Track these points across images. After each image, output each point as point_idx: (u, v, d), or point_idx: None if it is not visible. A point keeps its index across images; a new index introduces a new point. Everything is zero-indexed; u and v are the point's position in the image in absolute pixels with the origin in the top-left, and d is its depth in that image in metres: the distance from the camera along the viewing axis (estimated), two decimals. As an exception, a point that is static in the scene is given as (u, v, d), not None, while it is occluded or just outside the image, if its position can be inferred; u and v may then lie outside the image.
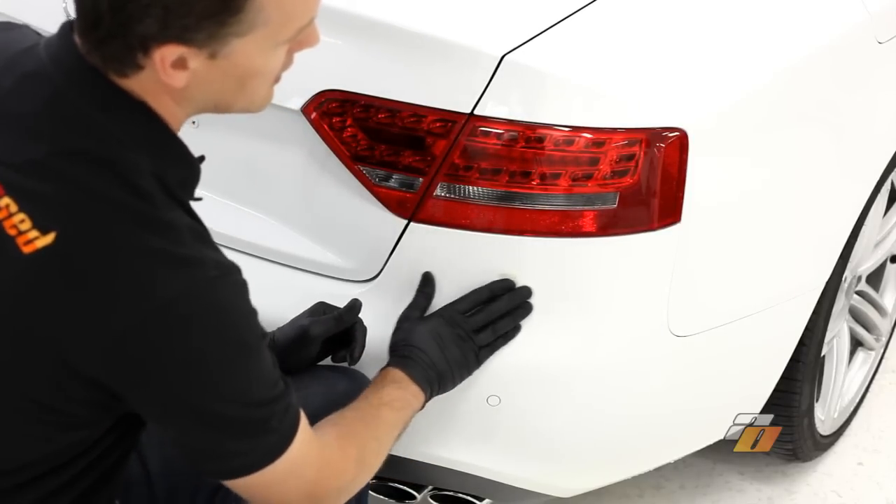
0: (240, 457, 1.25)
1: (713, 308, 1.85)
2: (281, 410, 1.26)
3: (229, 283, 1.20)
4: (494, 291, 1.65)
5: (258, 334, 1.25)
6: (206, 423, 1.22)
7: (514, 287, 1.65)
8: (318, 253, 1.74)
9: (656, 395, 1.85)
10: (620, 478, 2.03)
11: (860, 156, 2.13)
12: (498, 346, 1.66)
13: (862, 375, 2.68)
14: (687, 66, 1.72)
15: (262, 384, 1.24)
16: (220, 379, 1.20)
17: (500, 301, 1.64)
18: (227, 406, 1.21)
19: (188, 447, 1.27)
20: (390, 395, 1.52)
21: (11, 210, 1.15)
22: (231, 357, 1.20)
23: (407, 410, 1.54)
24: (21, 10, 1.81)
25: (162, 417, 1.24)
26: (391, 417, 1.50)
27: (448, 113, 1.59)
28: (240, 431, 1.24)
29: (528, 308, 1.66)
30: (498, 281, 1.65)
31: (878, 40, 2.09)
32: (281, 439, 1.27)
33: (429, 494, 1.89)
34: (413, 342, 1.60)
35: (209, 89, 1.20)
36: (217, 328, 1.18)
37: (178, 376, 1.17)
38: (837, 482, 2.53)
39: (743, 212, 1.82)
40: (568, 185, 1.60)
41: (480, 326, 1.63)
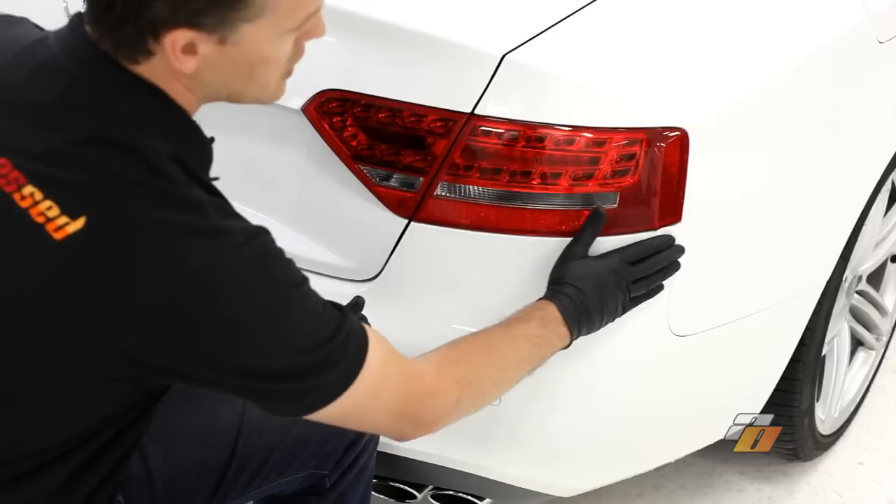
0: (310, 394, 1.26)
1: (714, 308, 1.85)
2: (341, 341, 1.26)
3: (258, 245, 1.22)
4: (660, 247, 1.65)
5: (296, 282, 1.25)
6: (264, 378, 1.23)
7: (673, 243, 1.66)
8: (319, 252, 1.74)
9: (657, 395, 1.85)
10: (621, 477, 2.03)
11: (861, 155, 2.13)
12: (641, 301, 1.65)
13: (862, 375, 2.68)
14: (687, 66, 1.72)
15: (312, 328, 1.24)
16: (266, 338, 1.20)
17: (661, 255, 1.64)
18: (280, 360, 1.22)
19: (254, 399, 1.28)
20: (533, 330, 1.51)
21: (37, 198, 1.17)
22: (272, 316, 1.20)
23: (546, 349, 1.53)
24: (21, 9, 1.81)
25: (218, 382, 1.25)
26: (526, 352, 1.50)
27: (449, 112, 1.59)
28: (302, 374, 1.24)
29: (677, 266, 1.67)
30: (661, 237, 1.65)
31: (878, 40, 2.09)
32: (348, 368, 1.27)
33: (429, 494, 1.89)
34: (573, 280, 1.58)
35: (219, 76, 1.22)
36: (251, 292, 1.19)
37: (223, 343, 1.18)
38: (838, 482, 2.53)
39: (743, 211, 1.82)
40: (568, 185, 1.60)
41: (640, 278, 1.63)
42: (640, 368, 1.78)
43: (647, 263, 1.63)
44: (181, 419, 1.57)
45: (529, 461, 1.81)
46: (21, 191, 1.17)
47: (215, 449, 1.58)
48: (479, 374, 1.44)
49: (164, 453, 1.56)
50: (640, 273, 1.63)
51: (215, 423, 1.59)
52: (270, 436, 1.60)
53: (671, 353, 1.80)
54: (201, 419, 1.59)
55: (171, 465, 1.56)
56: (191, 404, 1.58)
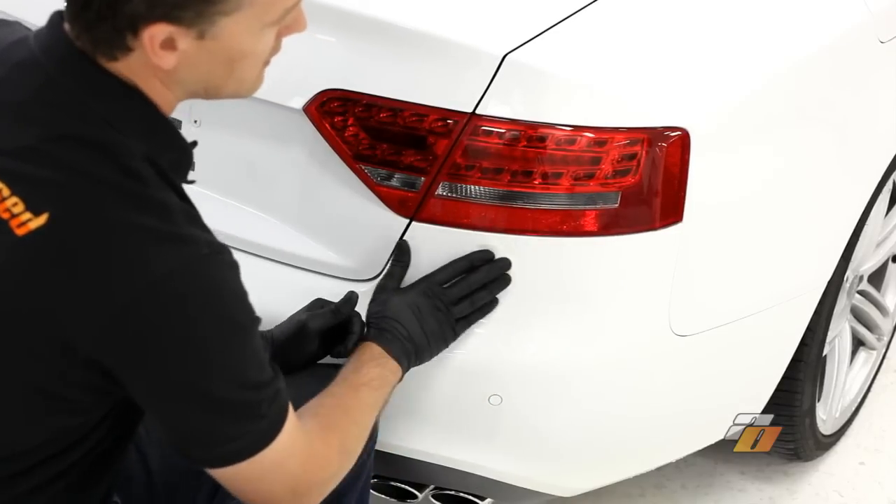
0: (229, 443, 1.25)
1: (715, 307, 1.85)
2: (271, 396, 1.26)
3: (221, 261, 1.21)
4: (473, 262, 1.63)
5: (251, 315, 1.25)
6: (199, 403, 1.22)
7: (492, 258, 1.63)
8: (320, 252, 1.74)
9: (658, 395, 1.85)
10: (622, 477, 2.03)
11: (862, 155, 2.13)
12: (474, 320, 1.64)
13: (864, 375, 2.68)
14: (689, 66, 1.72)
15: (255, 366, 1.24)
16: (215, 357, 1.20)
17: (479, 272, 1.63)
18: (221, 386, 1.21)
19: (178, 432, 1.26)
20: (369, 375, 1.51)
21: (4, 194, 1.17)
22: (226, 335, 1.20)
23: (385, 388, 1.53)
24: (19, 8, 1.81)
25: (156, 399, 1.23)
26: (370, 398, 1.49)
27: (450, 112, 1.59)
28: (231, 414, 1.23)
29: (506, 280, 1.64)
30: (477, 252, 1.63)
31: (879, 40, 2.09)
32: (270, 426, 1.27)
33: (430, 494, 1.89)
34: (390, 314, 1.59)
35: (198, 71, 1.22)
36: (211, 305, 1.18)
37: (174, 354, 1.18)
38: (839, 482, 2.53)
39: (745, 211, 1.82)
40: (569, 185, 1.60)
41: (458, 298, 1.62)
42: (641, 368, 1.78)
43: (464, 283, 1.62)
44: None
45: (530, 461, 1.81)
46: None
47: None
48: (347, 437, 1.44)
49: (163, 453, 1.55)
50: (458, 293, 1.62)
51: None
52: None
53: (672, 352, 1.80)
54: None
55: (170, 466, 1.56)
56: None
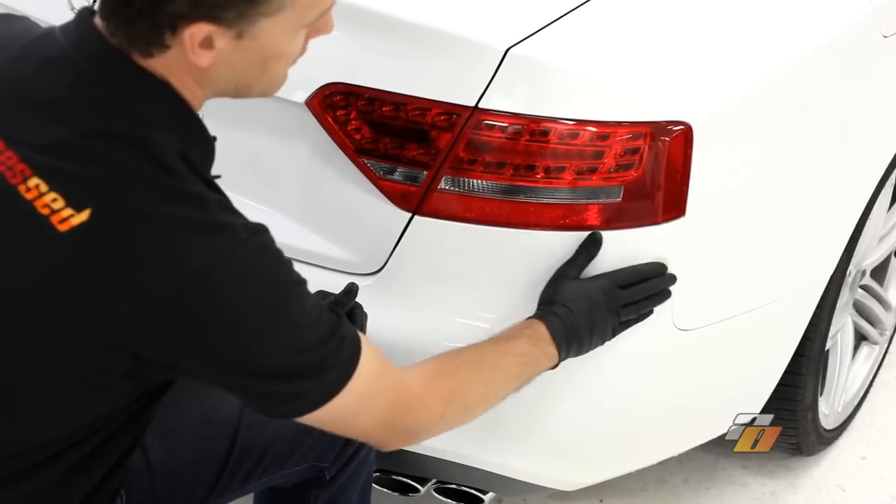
0: (301, 397, 1.27)
1: (717, 302, 1.85)
2: (335, 346, 1.27)
3: (260, 242, 1.22)
4: (651, 273, 1.65)
5: (295, 281, 1.26)
6: (260, 376, 1.23)
7: (664, 272, 1.67)
8: (323, 246, 1.74)
9: (660, 389, 1.85)
10: (624, 471, 2.03)
11: (865, 150, 2.13)
12: (631, 325, 1.65)
13: (866, 370, 2.68)
14: (692, 60, 1.72)
15: (309, 329, 1.25)
16: (267, 334, 1.21)
17: (652, 282, 1.65)
18: (278, 358, 1.23)
19: (249, 399, 1.29)
20: (521, 348, 1.52)
21: (42, 190, 1.17)
22: (273, 312, 1.21)
23: (534, 368, 1.53)
24: (24, 3, 1.81)
25: (216, 378, 1.26)
26: (514, 369, 1.50)
27: (452, 106, 1.59)
28: (296, 376, 1.25)
29: (667, 294, 1.67)
30: (651, 263, 1.66)
31: (883, 34, 2.09)
32: (340, 373, 1.28)
33: (432, 487, 1.89)
34: (564, 300, 1.59)
35: (232, 70, 1.23)
36: (254, 287, 1.20)
37: (224, 338, 1.19)
38: (841, 476, 2.53)
39: (747, 206, 1.82)
40: (572, 179, 1.60)
41: (630, 302, 1.63)
42: (644, 363, 1.78)
43: (637, 289, 1.64)
44: (181, 411, 1.58)
45: (533, 455, 1.81)
46: (26, 183, 1.17)
47: (215, 441, 1.59)
48: (465, 390, 1.45)
49: (164, 445, 1.56)
50: (630, 297, 1.63)
51: (215, 415, 1.60)
52: (270, 428, 1.61)
53: (675, 347, 1.80)
54: (201, 411, 1.59)
55: (171, 457, 1.56)
56: (191, 396, 1.58)
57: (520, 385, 1.52)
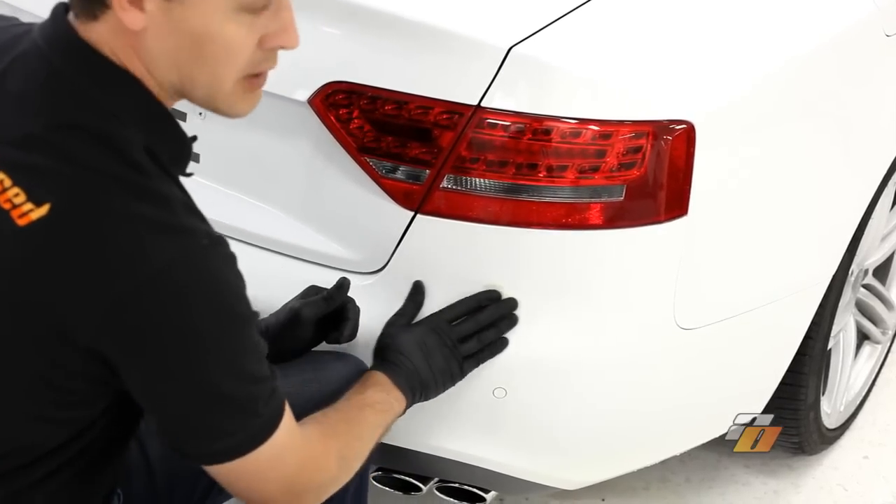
0: (224, 438, 1.25)
1: (720, 301, 1.85)
2: (267, 393, 1.27)
3: (220, 253, 1.22)
4: (481, 302, 1.65)
5: (249, 308, 1.25)
6: (195, 394, 1.22)
7: (500, 298, 1.66)
8: (325, 244, 1.74)
9: (663, 388, 1.85)
10: (626, 470, 2.03)
11: (867, 149, 2.13)
12: (483, 359, 1.66)
13: (868, 369, 2.68)
14: (694, 59, 1.72)
15: (253, 358, 1.25)
16: (213, 347, 1.20)
17: (487, 311, 1.65)
18: (218, 376, 1.22)
19: (174, 425, 1.27)
20: (373, 398, 1.52)
21: (6, 185, 1.17)
22: (224, 326, 1.20)
23: (389, 414, 1.53)
24: (27, 3, 1.82)
25: (152, 391, 1.23)
26: (374, 419, 1.50)
27: (455, 105, 1.59)
28: (228, 407, 1.24)
29: (513, 320, 1.67)
30: (485, 291, 1.65)
31: (885, 33, 2.09)
32: (266, 424, 1.27)
33: (434, 486, 1.89)
34: (398, 348, 1.60)
35: (166, 45, 1.19)
36: (211, 296, 1.19)
37: (172, 343, 1.18)
38: (843, 476, 2.53)
39: (750, 204, 1.82)
40: (575, 178, 1.60)
41: (466, 336, 1.64)
42: (646, 362, 1.78)
43: (470, 322, 1.64)
44: None
45: (534, 454, 1.81)
46: None
47: None
48: (348, 447, 1.44)
49: (163, 442, 1.55)
50: (466, 331, 1.63)
51: None
52: None
53: (677, 346, 1.80)
54: None
55: (170, 456, 1.56)
56: None
57: (383, 433, 1.52)
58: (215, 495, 1.61)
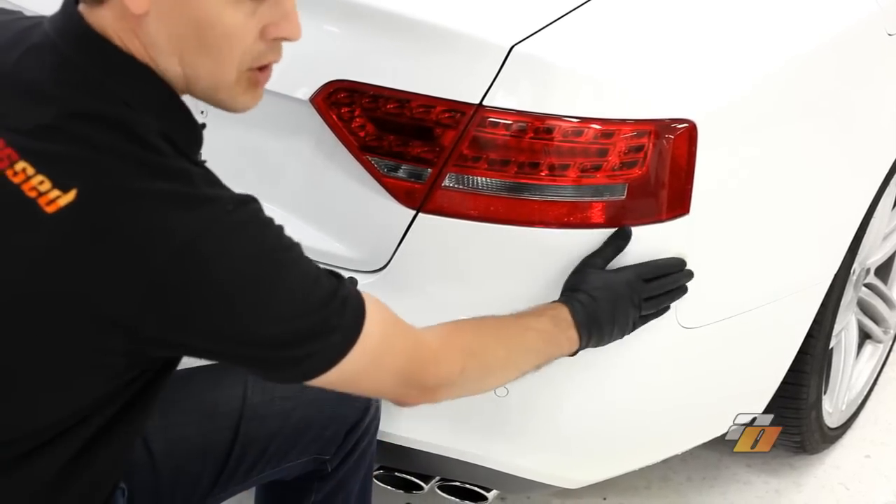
0: (307, 360, 1.26)
1: (722, 300, 1.85)
2: (337, 307, 1.27)
3: (247, 212, 1.22)
4: (673, 268, 1.67)
5: (287, 245, 1.26)
6: (261, 345, 1.23)
7: (683, 267, 1.68)
8: (326, 243, 1.74)
9: (664, 387, 1.85)
10: (627, 469, 2.03)
11: (869, 148, 2.12)
12: (650, 320, 1.67)
13: (870, 368, 2.68)
14: (696, 58, 1.72)
15: (306, 292, 1.24)
16: (261, 303, 1.20)
17: (673, 277, 1.67)
18: (277, 325, 1.22)
19: (255, 369, 1.29)
20: (544, 325, 1.52)
21: (29, 173, 1.17)
22: (265, 280, 1.21)
23: (553, 347, 1.53)
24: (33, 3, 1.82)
25: (218, 352, 1.25)
26: (534, 342, 1.50)
27: (457, 103, 1.59)
28: (298, 340, 1.24)
29: (685, 291, 1.69)
30: (676, 258, 1.68)
31: (888, 32, 2.09)
32: (346, 333, 1.27)
33: (436, 485, 1.90)
34: (588, 289, 1.59)
35: (168, 29, 1.20)
36: (244, 257, 1.19)
37: (219, 311, 1.19)
38: (845, 475, 2.53)
39: (751, 203, 1.82)
40: (576, 177, 1.60)
41: (651, 297, 1.64)
42: (648, 361, 1.78)
43: (659, 283, 1.66)
44: (184, 406, 1.58)
45: (536, 452, 1.81)
46: (13, 167, 1.18)
47: (218, 434, 1.59)
48: (486, 348, 1.44)
49: (167, 440, 1.56)
50: (653, 291, 1.65)
51: (217, 409, 1.60)
52: (272, 421, 1.61)
53: (679, 345, 1.80)
54: (203, 405, 1.60)
55: (174, 452, 1.57)
56: (193, 391, 1.58)
57: (539, 362, 1.52)
58: (219, 491, 1.61)
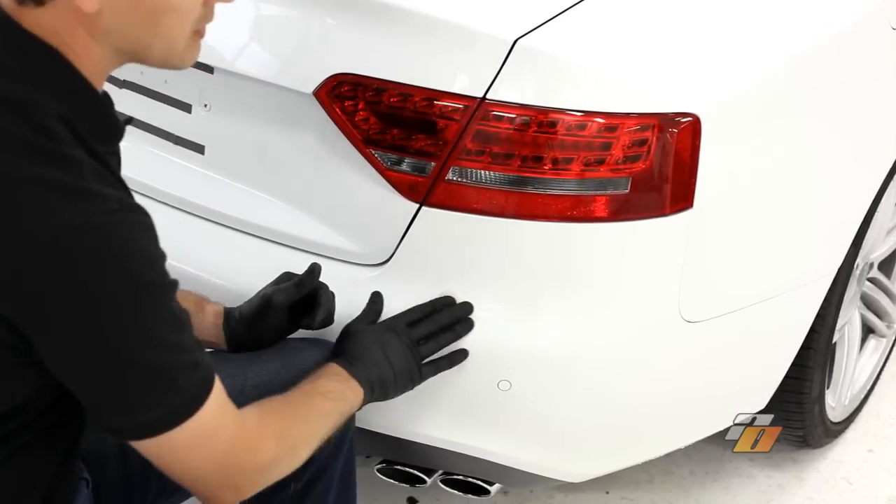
0: (145, 412, 1.22)
1: (725, 294, 1.85)
2: (188, 365, 1.23)
3: (131, 219, 1.19)
4: (436, 306, 1.66)
5: (163, 276, 1.22)
6: (108, 363, 1.19)
7: (454, 303, 1.67)
8: (330, 237, 1.74)
9: (667, 381, 1.85)
10: (630, 463, 2.03)
11: (873, 142, 2.12)
12: (443, 368, 1.65)
13: (873, 363, 2.68)
14: (700, 51, 1.72)
15: (168, 327, 1.21)
16: (120, 314, 1.17)
17: (443, 313, 1.66)
18: (129, 344, 1.18)
19: (92, 398, 1.24)
20: (326, 386, 1.51)
21: None
22: (132, 293, 1.17)
23: (343, 403, 1.52)
24: None
25: (66, 362, 1.21)
26: (324, 406, 1.49)
27: (460, 97, 1.59)
28: (143, 378, 1.20)
29: (469, 324, 1.67)
30: (440, 297, 1.67)
31: (892, 26, 2.08)
32: (190, 398, 1.24)
33: (439, 479, 1.90)
34: (356, 342, 1.60)
35: (122, 19, 1.20)
36: (117, 262, 1.16)
37: (79, 310, 1.16)
38: (848, 469, 2.53)
39: (755, 198, 1.82)
40: (580, 170, 1.60)
41: (424, 336, 1.64)
42: (651, 354, 1.78)
43: (428, 323, 1.64)
44: None
45: (539, 446, 1.81)
46: None
47: None
48: (293, 430, 1.42)
49: None
50: (423, 332, 1.64)
51: None
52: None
53: (682, 339, 1.80)
54: None
55: None
56: None
57: (335, 423, 1.50)
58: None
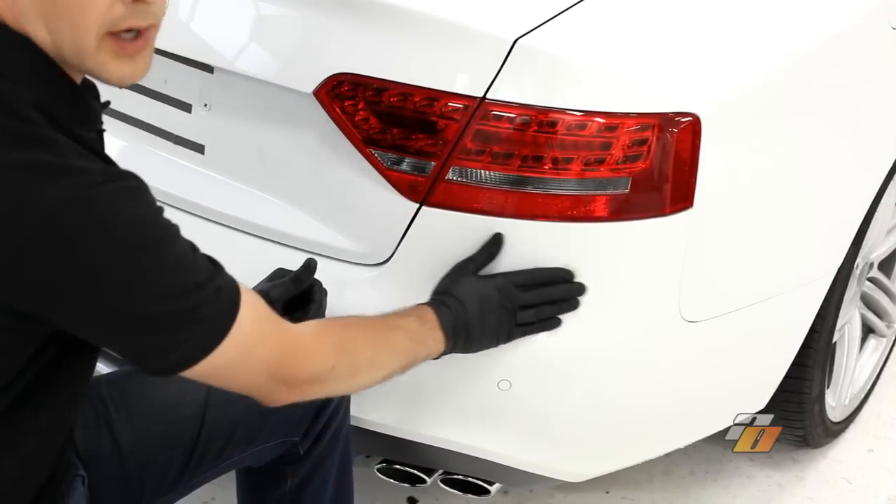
0: (177, 349, 1.23)
1: (725, 294, 1.85)
2: (210, 295, 1.23)
3: (118, 187, 1.18)
4: (554, 278, 1.65)
5: (159, 230, 1.21)
6: (130, 325, 1.20)
7: (572, 279, 1.65)
8: (330, 236, 1.74)
9: (667, 381, 1.85)
10: (630, 463, 2.03)
11: (873, 142, 2.12)
12: (533, 331, 1.65)
13: (873, 362, 2.68)
14: (700, 51, 1.72)
15: (178, 273, 1.21)
16: (129, 279, 1.17)
17: (556, 288, 1.64)
18: (146, 304, 1.19)
19: (123, 350, 1.25)
20: (410, 325, 1.51)
21: None
22: (134, 257, 1.17)
23: (420, 347, 1.52)
24: None
25: (86, 330, 1.22)
26: (401, 342, 1.49)
27: (460, 97, 1.59)
28: (168, 325, 1.21)
29: (575, 304, 1.66)
30: (560, 269, 1.65)
31: (892, 26, 2.08)
32: (217, 325, 1.24)
33: (439, 478, 1.90)
34: (457, 293, 1.59)
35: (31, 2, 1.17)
36: (111, 231, 1.15)
37: (84, 285, 1.16)
38: (848, 469, 2.53)
39: (755, 197, 1.82)
40: (580, 170, 1.60)
41: (527, 304, 1.63)
42: (651, 354, 1.78)
43: (536, 292, 1.63)
44: (148, 395, 1.57)
45: (539, 446, 1.81)
46: None
47: (184, 423, 1.58)
48: (356, 345, 1.42)
49: (134, 429, 1.55)
50: (528, 300, 1.63)
51: (182, 397, 1.59)
52: (237, 406, 1.59)
53: (682, 339, 1.80)
54: (169, 394, 1.58)
55: (140, 441, 1.56)
56: (158, 381, 1.55)
57: (407, 361, 1.50)
58: (187, 480, 1.61)
